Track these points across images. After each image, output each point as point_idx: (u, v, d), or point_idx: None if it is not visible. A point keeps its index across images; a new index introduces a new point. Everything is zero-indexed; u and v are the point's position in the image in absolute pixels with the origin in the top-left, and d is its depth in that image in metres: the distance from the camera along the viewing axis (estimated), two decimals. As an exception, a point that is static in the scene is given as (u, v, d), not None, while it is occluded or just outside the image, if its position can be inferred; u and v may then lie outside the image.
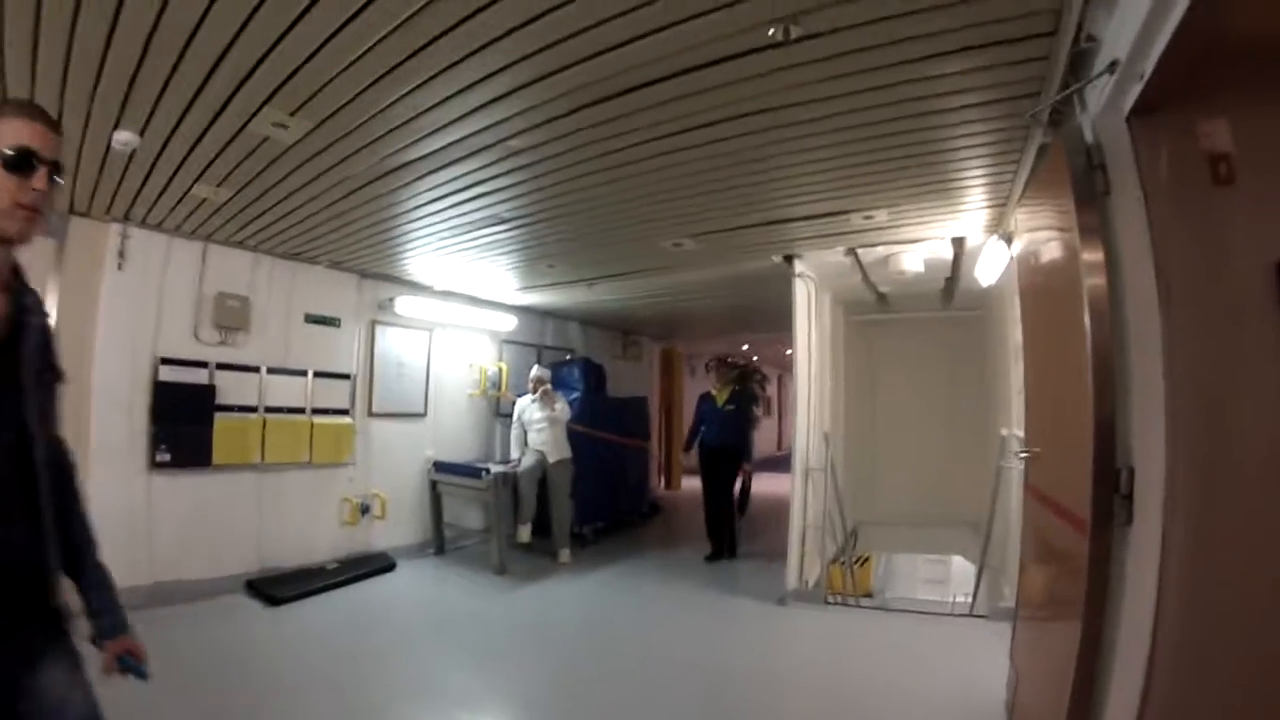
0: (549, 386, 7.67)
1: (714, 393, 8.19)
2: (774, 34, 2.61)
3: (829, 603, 6.16)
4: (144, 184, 4.63)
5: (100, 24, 2.57)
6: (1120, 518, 2.37)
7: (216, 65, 2.92)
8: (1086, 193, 2.54)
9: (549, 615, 4.93)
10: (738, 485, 8.26)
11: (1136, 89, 2.22)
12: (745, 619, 5.86)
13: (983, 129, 3.46)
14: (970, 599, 5.99)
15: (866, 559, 8.25)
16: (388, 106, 3.29)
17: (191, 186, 4.63)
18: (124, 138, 3.78)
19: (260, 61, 2.88)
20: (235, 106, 3.33)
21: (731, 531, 7.90)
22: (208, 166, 4.21)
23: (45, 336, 1.58)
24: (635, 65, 2.89)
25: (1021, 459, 3.78)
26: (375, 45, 2.72)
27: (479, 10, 2.46)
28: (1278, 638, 2.02)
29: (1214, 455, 2.12)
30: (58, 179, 1.50)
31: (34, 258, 4.80)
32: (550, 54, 2.78)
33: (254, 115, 3.41)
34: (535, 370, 7.80)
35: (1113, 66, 2.32)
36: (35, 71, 2.98)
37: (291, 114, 3.37)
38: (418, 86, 3.08)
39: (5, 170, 1.40)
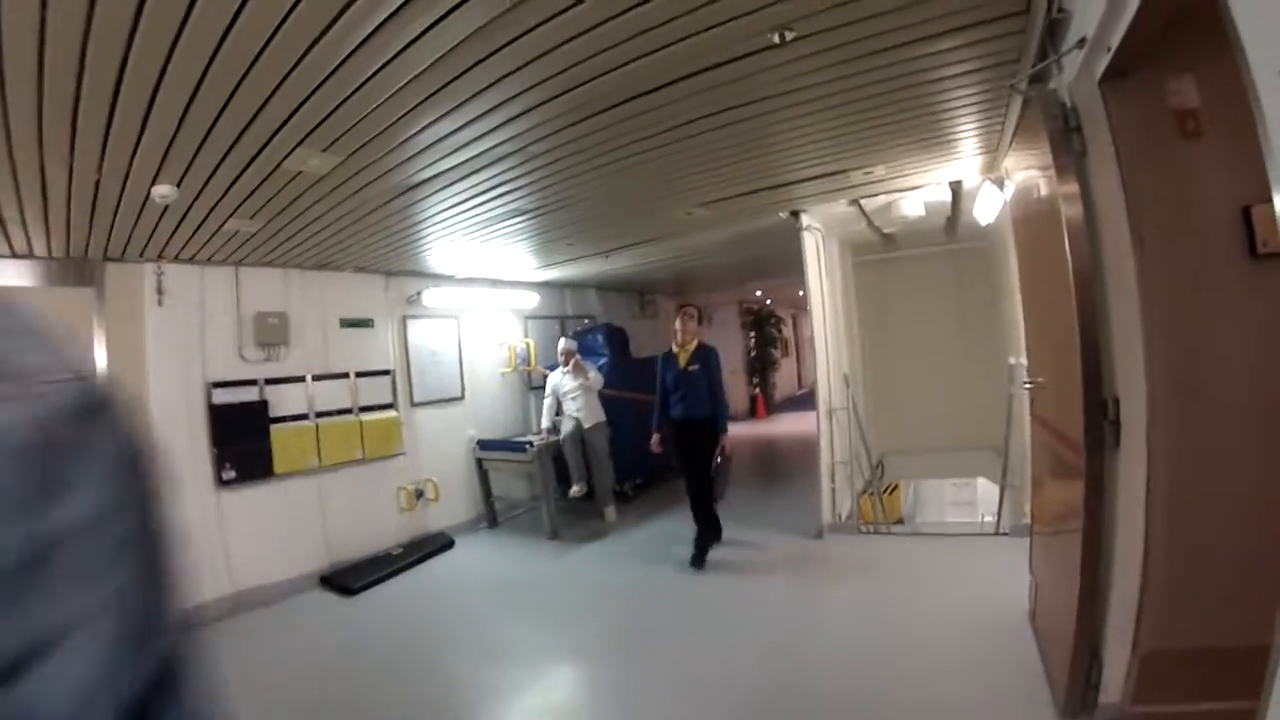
0: (578, 357, 7.98)
1: (675, 351, 6.45)
2: (773, 39, 2.85)
3: (862, 531, 6.53)
4: (177, 227, 4.89)
5: (143, 89, 2.75)
6: (1110, 441, 2.70)
7: (254, 118, 3.13)
8: (1064, 153, 2.83)
9: (603, 571, 5.27)
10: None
11: (1105, 59, 2.45)
12: (787, 554, 6.20)
13: (970, 93, 3.70)
14: (995, 518, 6.35)
15: (895, 487, 8.55)
16: (416, 133, 3.53)
17: (224, 223, 4.89)
18: (163, 191, 3.97)
19: (296, 109, 3.09)
20: (270, 150, 3.53)
21: (714, 516, 6.45)
22: (240, 205, 4.46)
23: None
24: (643, 78, 3.15)
25: (1026, 389, 4.09)
26: (407, 84, 2.95)
27: (502, 47, 2.70)
28: (1248, 532, 2.36)
29: (1187, 382, 2.44)
30: None
31: (75, 305, 5.34)
32: (566, 75, 3.03)
33: (288, 155, 3.63)
34: (563, 343, 8.10)
35: (1082, 42, 2.57)
36: (74, 143, 3.21)
37: (324, 150, 3.60)
38: (445, 114, 3.32)
39: None
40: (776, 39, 2.85)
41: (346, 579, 6.47)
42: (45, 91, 2.67)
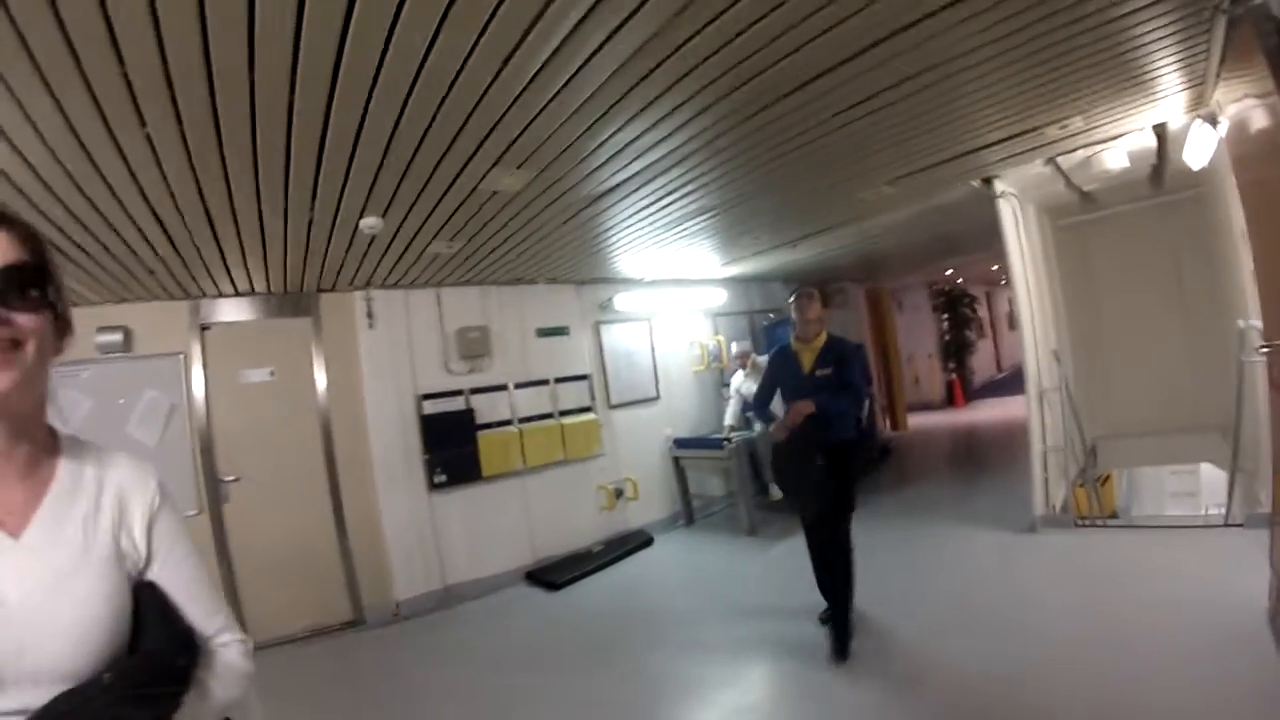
0: (755, 357, 8.08)
1: (794, 348, 4.79)
2: None
3: (1078, 525, 6.13)
4: (383, 255, 5.34)
5: (346, 136, 3.04)
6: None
7: (450, 145, 3.35)
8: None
9: (804, 565, 5.15)
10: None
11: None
12: (999, 548, 5.92)
13: (1166, 20, 3.31)
14: (1224, 508, 5.74)
15: (1108, 478, 7.94)
16: (601, 144, 3.66)
17: (426, 247, 5.27)
18: (370, 222, 4.31)
19: (489, 133, 3.28)
20: (467, 174, 3.76)
21: (846, 601, 4.51)
22: (440, 228, 4.79)
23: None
24: (817, 60, 3.10)
25: (1263, 354, 3.72)
26: (590, 97, 3.08)
27: (675, 50, 2.76)
28: None
29: None
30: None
31: (296, 334, 6.23)
32: (740, 69, 3.02)
33: (483, 177, 3.86)
34: (736, 346, 8.20)
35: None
36: (288, 192, 3.63)
37: (518, 168, 3.80)
38: (627, 122, 3.42)
39: None
40: None
41: (550, 575, 6.83)
42: (259, 153, 3.06)
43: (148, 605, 1.07)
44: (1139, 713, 3.21)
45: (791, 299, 4.78)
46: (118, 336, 5.42)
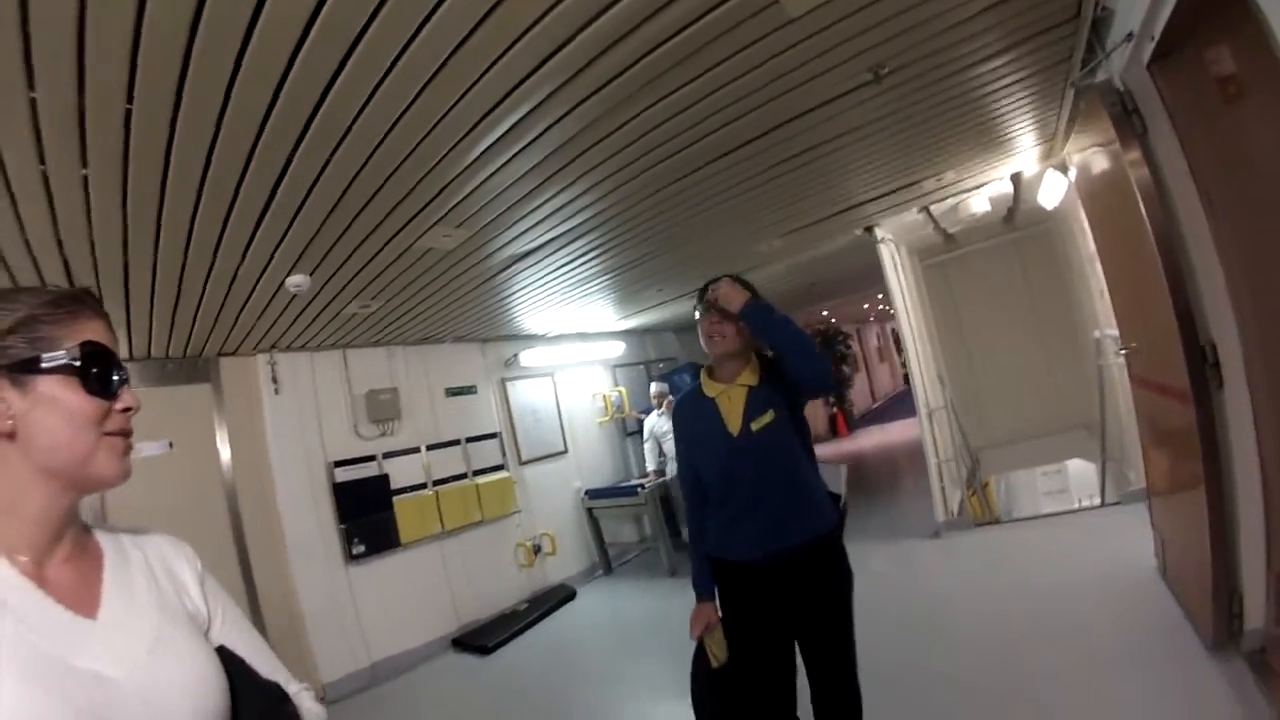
0: (671, 398, 8.27)
1: (708, 392, 2.73)
2: (867, 78, 3.23)
3: (977, 526, 6.71)
4: (299, 315, 5.18)
5: (299, 187, 3.06)
6: (1214, 384, 2.94)
7: (398, 204, 3.47)
8: (1128, 134, 3.13)
9: None
10: None
11: (1151, 46, 2.76)
12: (910, 554, 6.40)
13: (1027, 92, 4.01)
14: (1098, 495, 6.48)
15: (986, 485, 8.62)
16: (537, 206, 3.95)
17: (345, 307, 5.20)
18: (296, 280, 4.15)
19: (439, 193, 3.44)
20: (407, 232, 3.87)
21: None
22: (365, 288, 4.79)
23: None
24: (742, 132, 3.58)
25: (1122, 355, 4.32)
26: (536, 166, 3.39)
27: (608, 135, 3.19)
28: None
29: (1271, 319, 2.67)
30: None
31: (195, 402, 5.77)
32: (673, 143, 3.49)
33: (423, 234, 3.96)
34: (654, 386, 8.43)
35: (1129, 36, 2.89)
36: (221, 240, 3.45)
37: (458, 226, 3.97)
38: (564, 187, 3.75)
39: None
40: (871, 77, 3.21)
41: (479, 639, 6.63)
42: (204, 193, 2.93)
43: (228, 663, 1.08)
44: (1064, 665, 3.64)
45: (696, 308, 2.77)
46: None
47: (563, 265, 5.35)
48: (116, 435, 1.02)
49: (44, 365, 0.97)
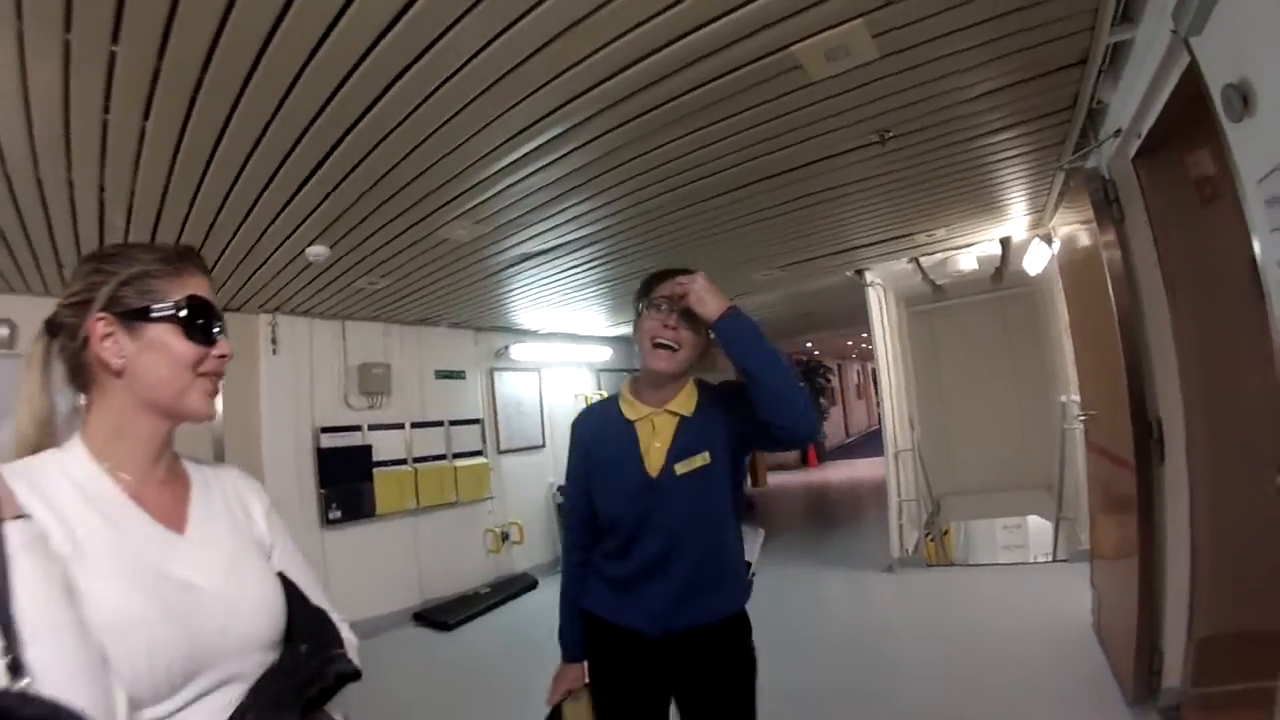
0: None
1: (626, 414, 2.10)
2: (873, 139, 3.52)
3: (929, 567, 6.98)
4: (311, 282, 5.37)
5: (342, 168, 3.28)
6: (1156, 457, 3.20)
7: (427, 195, 3.71)
8: (1106, 220, 3.40)
9: None
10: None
11: (1137, 143, 3.03)
12: (863, 586, 6.65)
13: (1022, 168, 4.33)
14: (1052, 549, 6.76)
15: (946, 531, 8.85)
16: (559, 211, 4.19)
17: (355, 281, 5.40)
18: (317, 250, 4.35)
19: (465, 190, 3.70)
20: (430, 220, 4.11)
21: None
22: (380, 265, 4.98)
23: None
24: (749, 173, 3.89)
25: (1081, 421, 4.58)
26: (563, 176, 3.65)
27: (640, 155, 3.43)
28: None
29: (1215, 404, 2.94)
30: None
31: None
32: (690, 173, 3.80)
33: (444, 225, 4.21)
34: None
35: (1118, 132, 3.16)
36: (260, 196, 3.54)
37: (477, 222, 4.21)
38: (582, 201, 4.03)
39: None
40: (877, 139, 3.50)
41: (440, 615, 6.78)
42: (253, 158, 3.10)
43: (285, 586, 1.20)
44: (992, 709, 3.85)
45: (640, 303, 2.20)
46: (2, 331, 4.84)
47: (567, 269, 5.59)
48: (208, 376, 1.16)
49: (153, 315, 1.10)
